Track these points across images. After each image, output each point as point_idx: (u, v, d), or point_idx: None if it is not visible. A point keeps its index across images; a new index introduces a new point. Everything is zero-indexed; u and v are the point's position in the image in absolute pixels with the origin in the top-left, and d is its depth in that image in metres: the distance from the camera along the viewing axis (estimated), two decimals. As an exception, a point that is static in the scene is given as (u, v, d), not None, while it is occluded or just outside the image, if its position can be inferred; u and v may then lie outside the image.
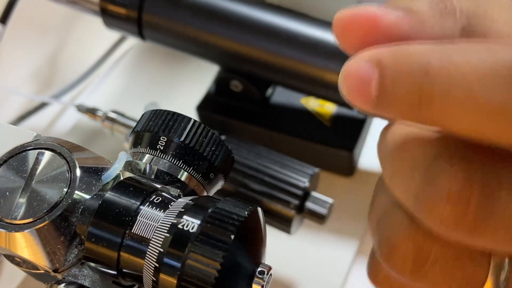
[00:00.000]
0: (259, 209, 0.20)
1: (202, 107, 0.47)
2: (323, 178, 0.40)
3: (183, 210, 0.19)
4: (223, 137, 0.40)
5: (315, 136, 0.44)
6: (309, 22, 0.40)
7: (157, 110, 0.23)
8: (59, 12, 0.52)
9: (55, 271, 0.20)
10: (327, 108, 0.45)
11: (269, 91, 0.46)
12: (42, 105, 0.49)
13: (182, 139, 0.22)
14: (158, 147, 0.22)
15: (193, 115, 0.46)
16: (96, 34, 0.52)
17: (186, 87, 0.53)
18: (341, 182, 0.46)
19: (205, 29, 0.41)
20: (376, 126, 0.46)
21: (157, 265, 0.18)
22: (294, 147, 0.45)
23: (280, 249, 0.39)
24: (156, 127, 0.22)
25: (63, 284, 0.20)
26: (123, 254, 0.19)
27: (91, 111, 0.43)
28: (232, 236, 0.18)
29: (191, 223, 0.18)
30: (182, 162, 0.22)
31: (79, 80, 0.52)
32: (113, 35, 0.53)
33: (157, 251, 0.18)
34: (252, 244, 0.19)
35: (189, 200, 0.20)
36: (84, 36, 0.55)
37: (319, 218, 0.38)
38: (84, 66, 0.53)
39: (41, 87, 0.52)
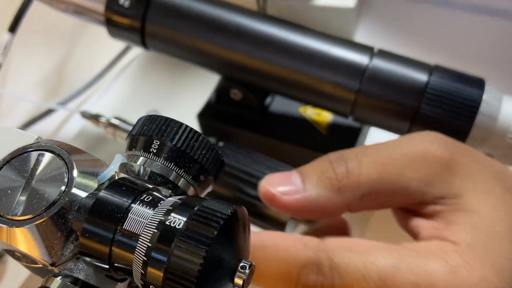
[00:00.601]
0: (243, 208, 0.21)
1: (202, 115, 0.48)
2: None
3: (171, 208, 0.20)
4: (220, 144, 0.41)
5: (312, 143, 0.45)
6: (307, 33, 0.42)
7: (151, 115, 0.24)
8: (67, 22, 0.54)
9: (52, 265, 0.22)
10: (324, 116, 0.46)
11: (268, 100, 0.48)
12: (48, 112, 0.51)
13: (174, 142, 0.23)
14: (151, 150, 0.23)
15: (194, 122, 0.48)
16: (102, 44, 0.53)
17: (187, 95, 0.54)
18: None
19: (205, 39, 0.43)
20: (371, 135, 0.47)
21: (145, 259, 0.20)
22: (292, 154, 0.46)
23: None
24: (150, 131, 0.24)
25: (60, 277, 0.21)
26: (114, 249, 0.20)
27: (95, 118, 0.45)
28: (215, 232, 0.19)
29: (178, 220, 0.20)
30: (173, 165, 0.23)
31: (85, 87, 0.53)
32: (119, 44, 0.55)
33: (146, 246, 0.20)
34: (235, 240, 0.20)
35: (177, 199, 0.21)
36: (90, 46, 0.57)
37: (313, 223, 0.39)
38: (90, 75, 0.54)
39: (48, 94, 0.54)
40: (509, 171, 0.28)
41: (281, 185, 0.29)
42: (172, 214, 0.20)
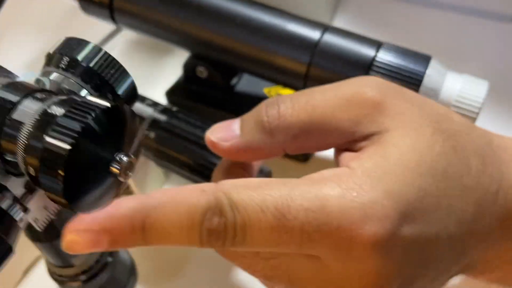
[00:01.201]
0: (129, 108, 0.22)
1: (171, 93, 0.50)
2: (279, 163, 0.42)
3: (57, 101, 0.22)
4: (174, 109, 0.43)
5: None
6: (265, 9, 0.43)
7: (68, 37, 0.26)
8: (53, 8, 0.56)
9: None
10: (286, 97, 0.48)
11: (235, 80, 0.49)
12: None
13: (82, 60, 0.25)
14: (61, 66, 0.25)
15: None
16: (88, 30, 0.56)
17: (168, 77, 0.56)
18: (296, 167, 0.48)
19: (171, 15, 0.44)
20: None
21: (26, 144, 0.21)
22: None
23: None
24: (62, 50, 0.25)
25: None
26: (3, 142, 0.22)
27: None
28: (88, 120, 0.20)
29: (59, 110, 0.21)
30: (81, 80, 0.25)
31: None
32: (104, 30, 0.57)
33: (27, 133, 0.21)
34: (115, 134, 0.21)
35: (67, 96, 0.22)
36: (76, 31, 0.59)
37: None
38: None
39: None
40: (455, 116, 0.28)
41: (221, 133, 0.31)
42: (57, 105, 0.21)
